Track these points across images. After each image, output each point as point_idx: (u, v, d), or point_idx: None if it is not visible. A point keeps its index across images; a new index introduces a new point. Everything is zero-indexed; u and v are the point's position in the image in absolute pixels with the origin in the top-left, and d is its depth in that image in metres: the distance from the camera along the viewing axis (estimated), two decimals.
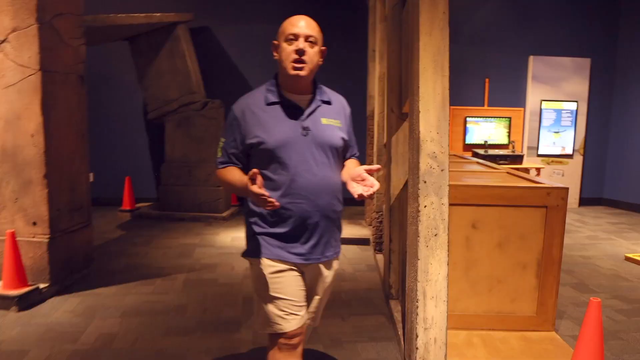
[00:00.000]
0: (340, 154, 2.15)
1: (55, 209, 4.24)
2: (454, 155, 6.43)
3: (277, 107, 2.03)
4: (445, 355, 2.69)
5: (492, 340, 3.27)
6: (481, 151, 8.45)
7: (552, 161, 9.18)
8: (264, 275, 2.06)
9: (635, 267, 5.41)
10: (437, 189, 2.63)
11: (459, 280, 3.36)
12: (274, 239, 2.06)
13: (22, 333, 3.52)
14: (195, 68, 7.60)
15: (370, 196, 1.90)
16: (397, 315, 3.69)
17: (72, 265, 4.50)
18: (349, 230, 6.63)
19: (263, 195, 1.77)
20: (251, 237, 2.12)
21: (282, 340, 2.10)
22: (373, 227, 5.82)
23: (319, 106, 2.09)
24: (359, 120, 8.01)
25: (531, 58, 8.99)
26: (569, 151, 9.20)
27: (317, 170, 2.03)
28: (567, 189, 3.29)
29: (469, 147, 8.84)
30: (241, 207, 8.23)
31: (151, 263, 5.26)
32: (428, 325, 2.69)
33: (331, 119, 2.10)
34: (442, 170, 2.62)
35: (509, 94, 9.07)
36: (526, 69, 9.07)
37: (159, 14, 7.01)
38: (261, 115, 2.02)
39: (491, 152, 8.49)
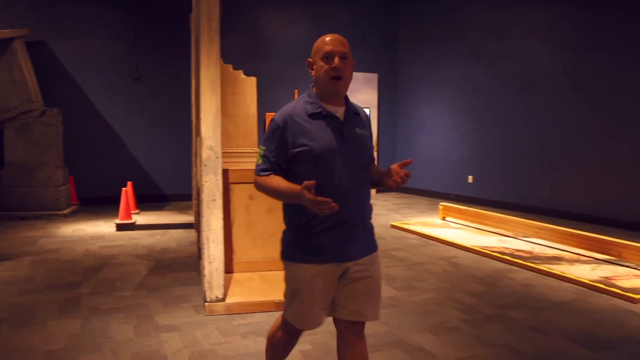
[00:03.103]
0: (370, 160, 2.31)
1: None
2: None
3: (318, 118, 2.16)
4: (224, 279, 4.09)
5: (267, 277, 4.72)
6: None
7: None
8: (299, 279, 2.18)
9: (394, 231, 7.38)
10: (214, 169, 4.04)
11: (242, 237, 4.80)
12: (317, 242, 2.14)
13: None
14: (33, 79, 8.26)
15: (404, 181, 2.16)
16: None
17: None
18: (179, 218, 7.90)
19: (325, 201, 1.89)
20: (292, 241, 2.21)
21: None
22: (195, 212, 7.09)
23: (352, 117, 2.23)
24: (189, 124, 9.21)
25: None
26: None
27: (357, 174, 2.18)
28: None
29: None
30: (81, 205, 9.00)
31: None
32: (211, 260, 4.08)
33: (362, 128, 2.26)
34: (216, 157, 4.03)
35: None
36: None
37: None
38: (305, 125, 2.13)
39: None
